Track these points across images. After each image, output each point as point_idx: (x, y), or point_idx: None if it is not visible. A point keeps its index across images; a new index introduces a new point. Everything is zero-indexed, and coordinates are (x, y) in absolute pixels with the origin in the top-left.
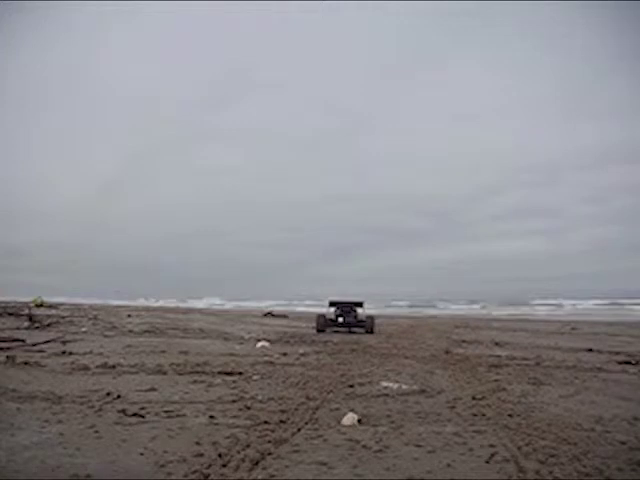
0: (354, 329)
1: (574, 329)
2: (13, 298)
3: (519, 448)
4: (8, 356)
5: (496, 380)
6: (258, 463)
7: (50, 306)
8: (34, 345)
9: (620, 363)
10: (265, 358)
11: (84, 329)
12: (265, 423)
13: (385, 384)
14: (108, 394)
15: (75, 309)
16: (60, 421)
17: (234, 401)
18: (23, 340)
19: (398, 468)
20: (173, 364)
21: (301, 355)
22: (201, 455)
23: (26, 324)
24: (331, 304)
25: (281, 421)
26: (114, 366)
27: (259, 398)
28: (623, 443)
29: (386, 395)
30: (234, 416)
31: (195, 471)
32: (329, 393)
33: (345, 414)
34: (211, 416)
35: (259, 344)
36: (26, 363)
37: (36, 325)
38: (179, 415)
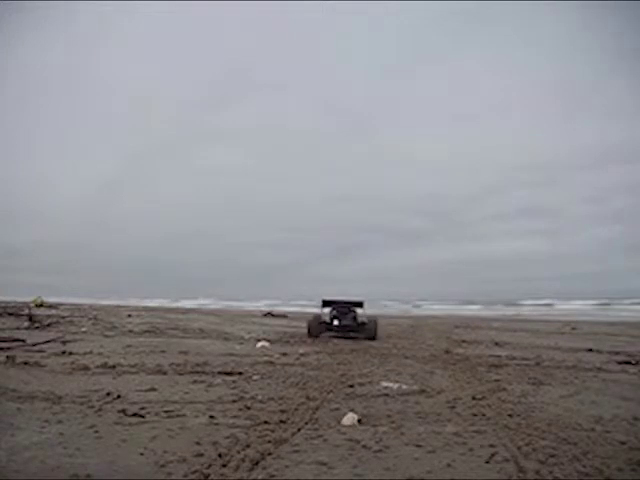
0: (353, 334)
1: (574, 329)
2: (13, 298)
3: (519, 448)
4: (8, 356)
5: (496, 380)
6: (258, 463)
7: (50, 306)
8: (34, 345)
9: (620, 363)
10: (265, 358)
11: (84, 329)
12: (265, 423)
13: (385, 384)
14: (108, 394)
15: (75, 309)
16: (60, 421)
17: (234, 401)
18: (23, 340)
19: (398, 468)
20: (173, 364)
21: (301, 355)
22: (201, 455)
23: (26, 324)
24: (325, 304)
25: (281, 421)
26: (114, 366)
27: (259, 398)
28: (623, 443)
29: (386, 395)
30: (234, 416)
31: (195, 471)
32: (329, 393)
33: (345, 414)
34: (211, 416)
35: (259, 344)
36: (26, 363)
37: (36, 325)
38: (179, 415)
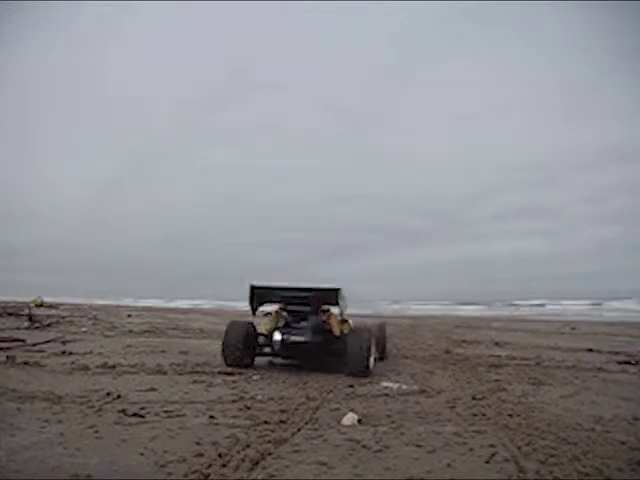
0: (320, 358)
1: (574, 329)
2: (13, 298)
3: (519, 448)
4: (8, 356)
5: (496, 380)
6: (258, 463)
7: (50, 306)
8: (34, 345)
9: (620, 363)
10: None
11: (84, 329)
12: (265, 423)
13: (385, 384)
14: (108, 394)
15: (75, 309)
16: (60, 421)
17: (234, 401)
18: (23, 340)
19: (398, 468)
20: (173, 364)
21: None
22: (201, 455)
23: (26, 324)
24: (257, 296)
25: (281, 421)
26: (114, 366)
27: (259, 398)
28: (623, 443)
29: (386, 395)
30: (234, 416)
31: (195, 471)
32: (329, 393)
33: (345, 414)
34: (211, 416)
35: None
36: (26, 363)
37: (36, 325)
38: (179, 415)
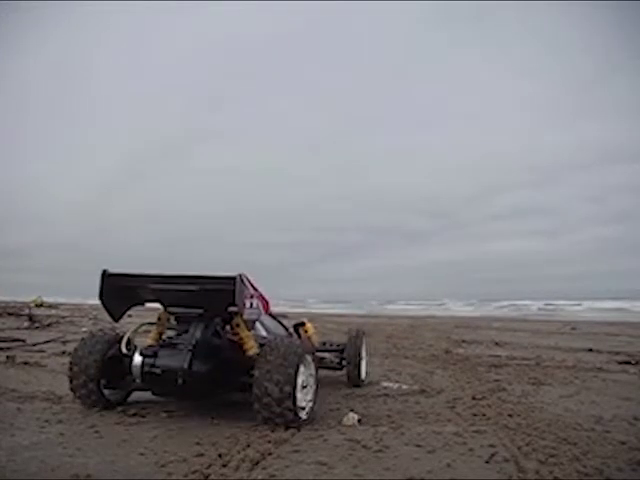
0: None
1: (574, 329)
2: (13, 298)
3: (519, 448)
4: (8, 356)
5: (496, 380)
6: (258, 463)
7: (50, 306)
8: (34, 345)
9: (620, 363)
10: None
11: (84, 329)
12: (265, 423)
13: (385, 384)
14: None
15: (75, 309)
16: (60, 421)
17: (234, 401)
18: (23, 340)
19: (398, 468)
20: None
21: None
22: (201, 455)
23: (26, 324)
24: (110, 287)
25: None
26: None
27: None
28: (623, 443)
29: (386, 395)
30: (234, 416)
31: (195, 471)
32: (329, 393)
33: (345, 414)
34: (211, 416)
35: None
36: (26, 363)
37: (36, 325)
38: (179, 415)
